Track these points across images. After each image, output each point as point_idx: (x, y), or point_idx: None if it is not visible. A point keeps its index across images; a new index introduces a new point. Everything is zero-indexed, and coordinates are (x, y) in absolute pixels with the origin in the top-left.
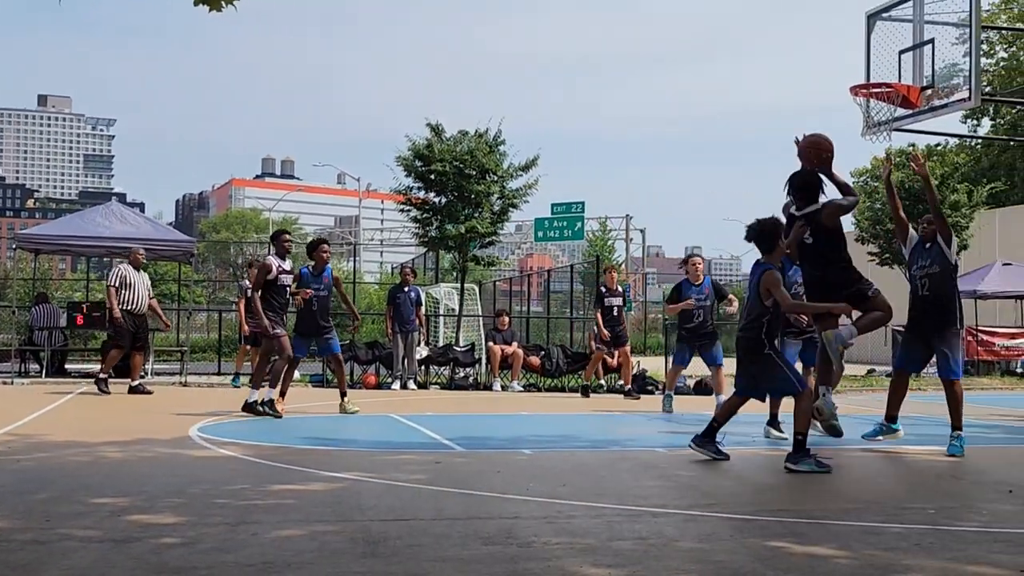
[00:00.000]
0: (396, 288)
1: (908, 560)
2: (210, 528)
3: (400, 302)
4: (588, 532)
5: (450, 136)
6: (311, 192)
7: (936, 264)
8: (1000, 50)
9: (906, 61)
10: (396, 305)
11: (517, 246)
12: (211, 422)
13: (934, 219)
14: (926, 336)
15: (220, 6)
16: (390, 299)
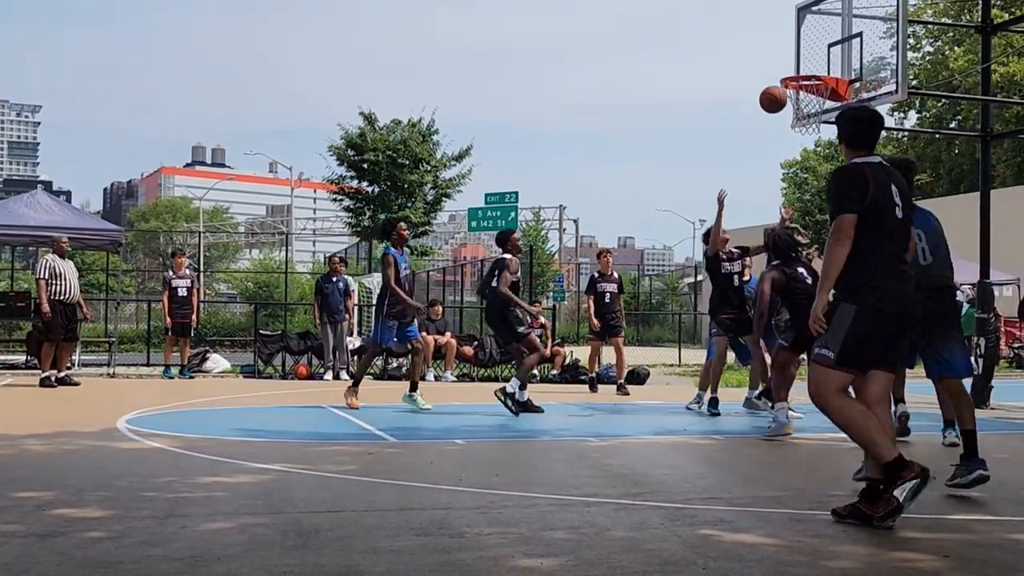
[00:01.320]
0: (324, 278)
1: (835, 547)
2: (137, 522)
3: (328, 292)
4: (521, 522)
5: (383, 125)
6: (242, 181)
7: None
8: (926, 44)
9: (835, 54)
10: (324, 295)
11: (451, 236)
12: (139, 414)
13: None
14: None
15: None
16: (317, 289)
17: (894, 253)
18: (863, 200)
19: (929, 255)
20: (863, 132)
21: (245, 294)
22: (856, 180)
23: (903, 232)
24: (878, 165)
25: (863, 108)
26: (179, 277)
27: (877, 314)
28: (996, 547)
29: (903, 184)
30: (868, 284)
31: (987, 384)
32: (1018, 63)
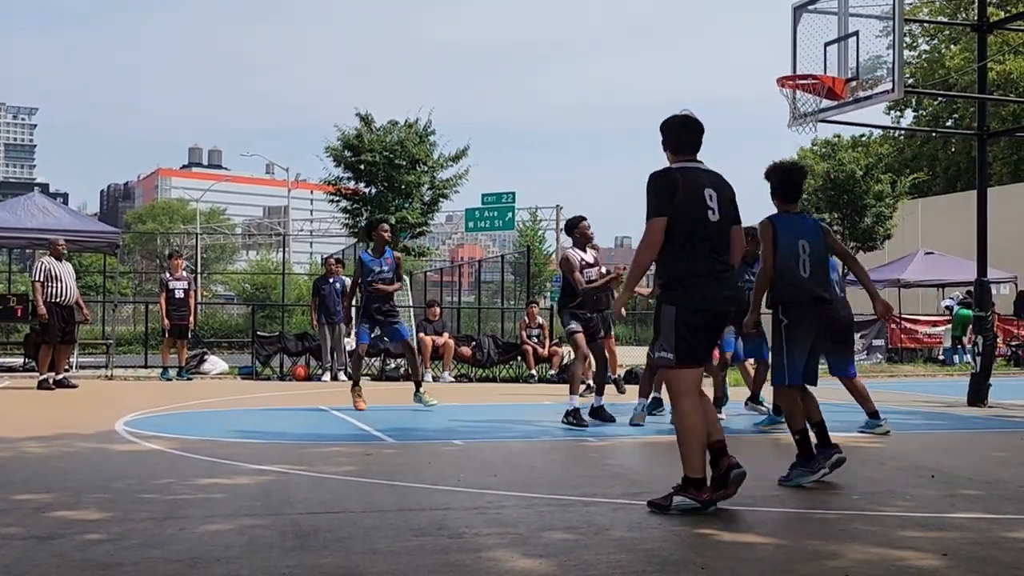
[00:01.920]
0: (321, 279)
1: (834, 546)
2: (136, 523)
3: (325, 293)
4: (519, 522)
5: (380, 126)
6: (239, 182)
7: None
8: (922, 43)
9: (831, 53)
10: (321, 296)
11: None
12: (137, 416)
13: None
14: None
15: None
16: (315, 290)
17: (708, 254)
18: (671, 203)
19: (808, 269)
20: (685, 137)
21: (242, 295)
22: (664, 184)
23: (718, 234)
24: (695, 169)
25: (683, 115)
26: (176, 279)
27: (695, 312)
28: (994, 545)
29: (725, 189)
30: (683, 284)
31: (985, 382)
32: (1014, 61)
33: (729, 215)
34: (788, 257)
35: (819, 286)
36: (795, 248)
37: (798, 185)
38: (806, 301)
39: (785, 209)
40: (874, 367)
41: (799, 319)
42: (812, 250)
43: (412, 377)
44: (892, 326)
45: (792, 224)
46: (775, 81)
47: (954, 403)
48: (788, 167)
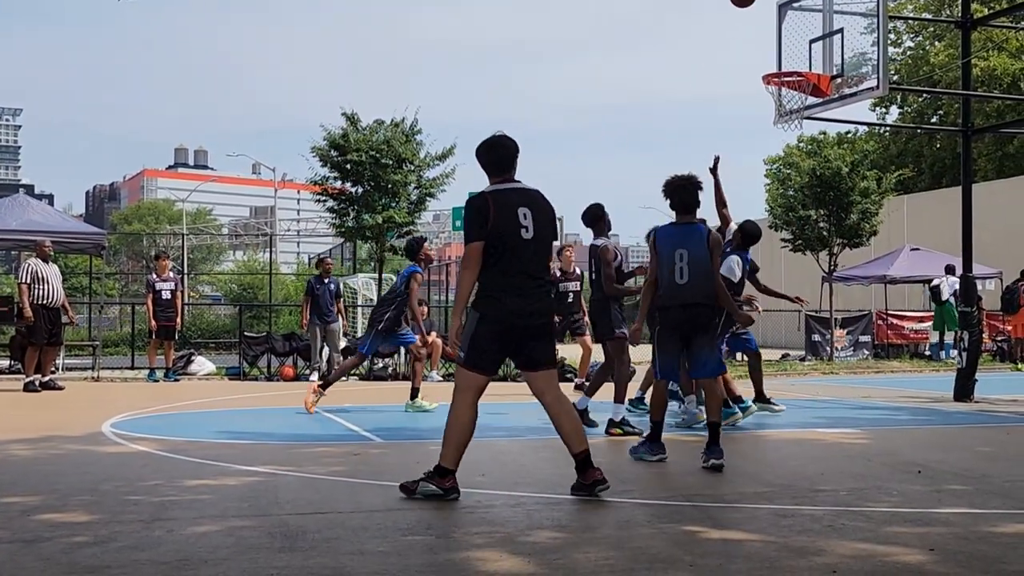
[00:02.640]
0: (316, 279)
1: (822, 542)
2: (123, 526)
3: (319, 293)
4: (507, 521)
5: (366, 125)
6: (225, 182)
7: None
8: (907, 39)
9: (816, 50)
10: (315, 296)
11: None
12: (124, 417)
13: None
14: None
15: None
16: (309, 290)
17: (518, 271)
18: (485, 227)
19: (686, 275)
20: (496, 159)
21: (229, 296)
22: (478, 210)
23: (530, 252)
24: (509, 190)
25: (493, 137)
26: (163, 280)
27: (494, 325)
28: (981, 540)
29: (542, 207)
30: (490, 298)
31: (971, 378)
32: (998, 57)
33: (546, 231)
34: (665, 265)
35: (693, 292)
36: (672, 257)
37: (684, 197)
38: (676, 306)
39: (682, 220)
40: (861, 363)
41: (669, 322)
42: (691, 258)
43: (413, 383)
44: (879, 322)
45: (674, 234)
46: (761, 79)
47: (940, 398)
48: (674, 182)
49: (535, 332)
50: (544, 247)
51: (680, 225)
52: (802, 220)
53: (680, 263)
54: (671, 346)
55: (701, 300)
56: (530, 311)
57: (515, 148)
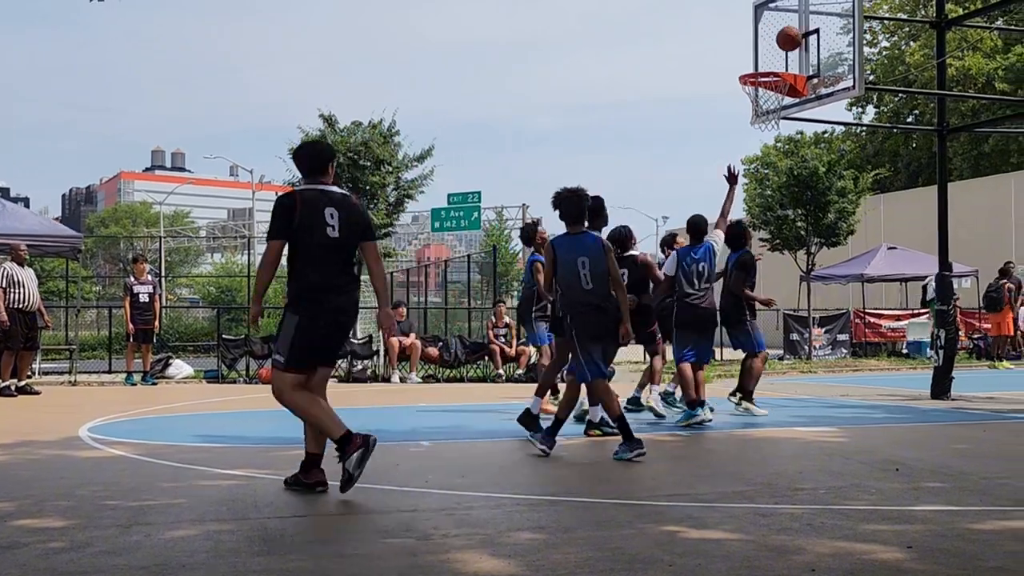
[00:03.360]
0: None
1: (800, 541)
2: (100, 531)
3: None
4: (487, 523)
5: (344, 127)
6: (203, 185)
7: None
8: (883, 39)
9: (793, 51)
10: None
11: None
12: (101, 421)
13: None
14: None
15: None
16: None
17: (328, 269)
18: (289, 226)
19: (590, 281)
20: (309, 163)
21: (207, 299)
22: (282, 209)
23: (339, 251)
24: (318, 191)
25: (307, 143)
26: (141, 283)
27: (313, 323)
28: (959, 537)
29: (350, 209)
30: (305, 298)
31: (948, 375)
32: (973, 57)
33: (354, 233)
34: (569, 273)
35: (598, 296)
36: (575, 265)
37: (570, 209)
38: (586, 310)
39: (573, 230)
40: (839, 361)
41: (583, 326)
42: (592, 265)
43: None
44: (857, 321)
45: (572, 244)
46: (737, 79)
47: (918, 396)
48: (561, 195)
49: (343, 328)
50: (350, 248)
51: (574, 235)
52: (780, 220)
53: (583, 270)
54: (591, 347)
55: (605, 304)
56: (342, 308)
57: (330, 153)
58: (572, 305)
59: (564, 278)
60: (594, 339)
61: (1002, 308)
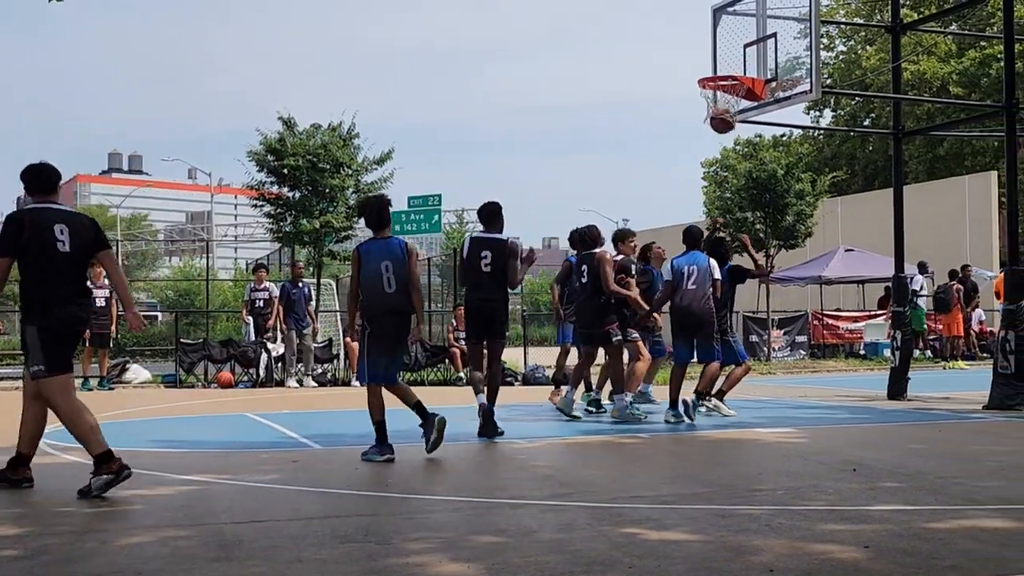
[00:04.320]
0: (290, 284)
1: (758, 541)
2: (55, 538)
3: (295, 299)
4: (447, 526)
5: (303, 130)
6: (161, 187)
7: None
8: (839, 44)
9: (751, 54)
10: (290, 301)
11: None
12: (56, 427)
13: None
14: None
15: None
16: (283, 295)
17: (59, 282)
18: (16, 243)
19: (393, 284)
20: (35, 182)
21: (165, 303)
22: (9, 227)
23: (70, 264)
24: (46, 209)
25: (33, 165)
26: (98, 287)
27: (51, 330)
28: (915, 536)
29: (80, 226)
30: (39, 310)
31: (904, 376)
32: (928, 61)
33: (85, 246)
34: (373, 277)
35: (400, 301)
36: (379, 269)
37: (374, 216)
38: (387, 314)
39: (379, 235)
40: (797, 363)
41: (381, 329)
42: (395, 269)
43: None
44: (815, 322)
45: (376, 249)
46: (696, 82)
47: (875, 397)
48: (366, 203)
49: (76, 337)
50: (81, 260)
51: (379, 240)
52: (739, 222)
53: (387, 274)
54: (380, 351)
55: (406, 308)
56: (77, 317)
57: (57, 175)
58: (373, 308)
59: (368, 282)
60: (389, 343)
61: (951, 309)
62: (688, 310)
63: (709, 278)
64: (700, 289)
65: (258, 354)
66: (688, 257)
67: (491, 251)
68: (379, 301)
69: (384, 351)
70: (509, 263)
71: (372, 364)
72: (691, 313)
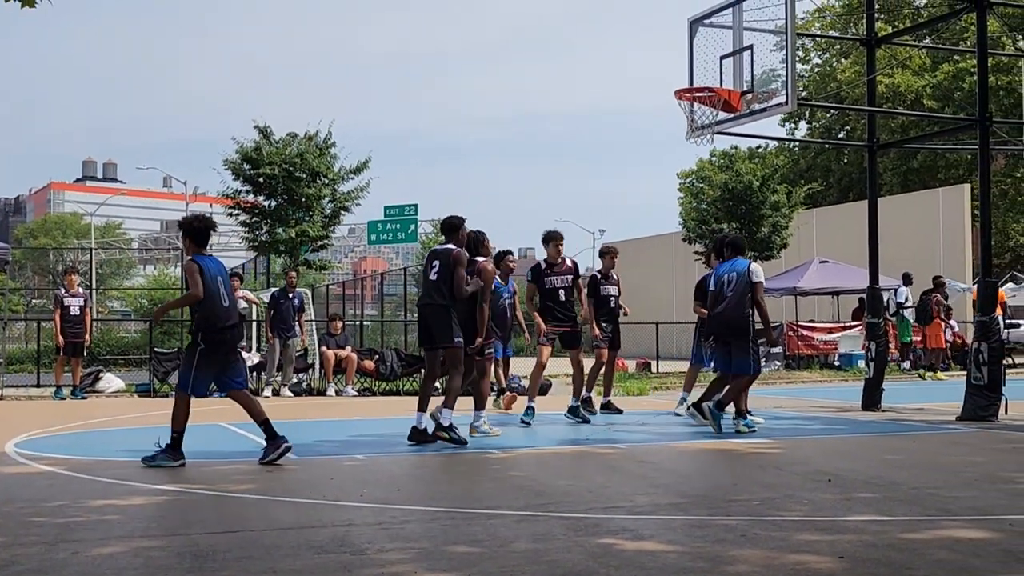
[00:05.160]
0: (280, 292)
1: (734, 551)
2: (26, 548)
3: (284, 307)
4: (422, 537)
5: (279, 139)
6: (135, 196)
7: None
8: (815, 56)
9: (727, 66)
10: (279, 309)
11: (350, 249)
12: (29, 437)
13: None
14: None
15: (33, 2)
16: (272, 303)
17: None
18: None
19: (228, 299)
20: None
21: (139, 311)
22: None
23: None
24: None
25: None
26: (72, 295)
27: None
28: (889, 547)
29: None
30: None
31: (878, 387)
32: (902, 75)
33: None
34: (212, 291)
35: (234, 314)
36: (217, 283)
37: (202, 234)
38: (225, 327)
39: (206, 253)
40: (772, 374)
41: (215, 344)
42: (226, 284)
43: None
44: (790, 333)
45: (214, 265)
46: (673, 94)
47: (849, 408)
48: (191, 222)
49: None
50: None
51: (210, 256)
52: (715, 233)
53: (222, 289)
54: (212, 367)
55: (238, 320)
56: None
57: None
58: (212, 321)
59: (209, 296)
60: (220, 358)
61: (931, 320)
62: (722, 318)
63: (748, 285)
64: (737, 297)
65: None
66: (729, 264)
67: (439, 260)
68: (220, 314)
69: (213, 366)
70: (455, 272)
71: (198, 377)
72: (726, 322)
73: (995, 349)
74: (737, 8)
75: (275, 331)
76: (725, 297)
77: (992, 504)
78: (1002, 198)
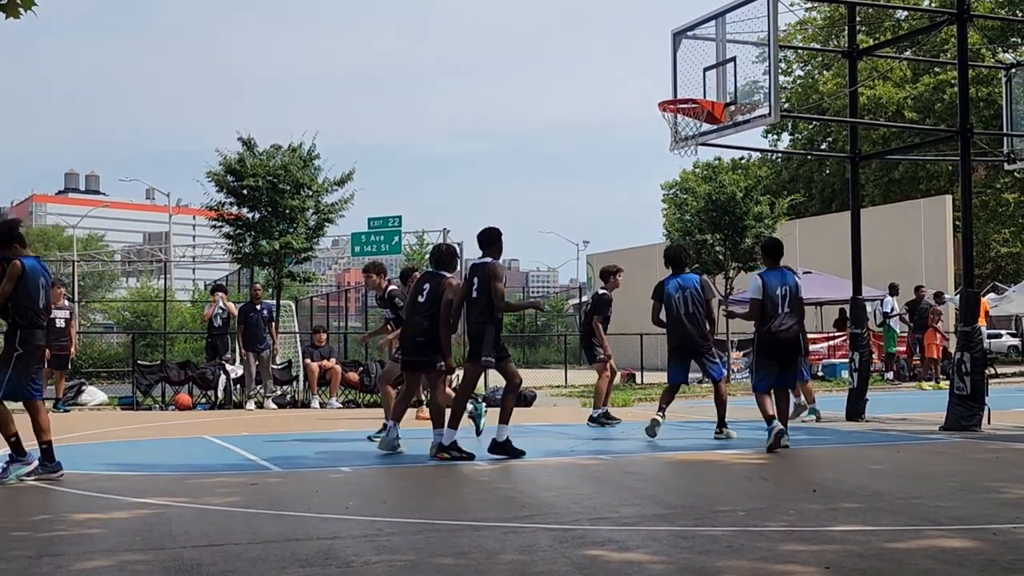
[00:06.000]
0: (247, 306)
1: (720, 562)
2: (8, 563)
3: (253, 321)
4: (409, 549)
5: (263, 150)
6: (118, 208)
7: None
8: (797, 68)
9: (711, 78)
10: (248, 323)
11: (334, 261)
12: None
13: None
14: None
15: (18, 13)
16: (241, 317)
17: None
18: None
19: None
20: None
21: (122, 324)
22: None
23: None
24: None
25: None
26: (57, 308)
27: None
28: (874, 557)
29: None
30: None
31: (862, 397)
32: (883, 87)
33: None
34: (34, 296)
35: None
36: (38, 288)
37: (20, 238)
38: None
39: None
40: None
41: (35, 348)
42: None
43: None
44: None
45: (41, 268)
46: (656, 105)
47: (833, 418)
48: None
49: None
50: None
51: (34, 258)
52: (698, 244)
53: (44, 292)
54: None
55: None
56: None
57: None
58: (36, 326)
59: (31, 301)
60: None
61: (926, 330)
62: (783, 335)
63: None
64: (795, 312)
65: (216, 376)
66: (779, 276)
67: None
68: (40, 320)
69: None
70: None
71: (32, 381)
72: (786, 340)
73: (978, 359)
74: (720, 20)
75: (247, 346)
76: (784, 312)
77: (976, 514)
78: (983, 209)
